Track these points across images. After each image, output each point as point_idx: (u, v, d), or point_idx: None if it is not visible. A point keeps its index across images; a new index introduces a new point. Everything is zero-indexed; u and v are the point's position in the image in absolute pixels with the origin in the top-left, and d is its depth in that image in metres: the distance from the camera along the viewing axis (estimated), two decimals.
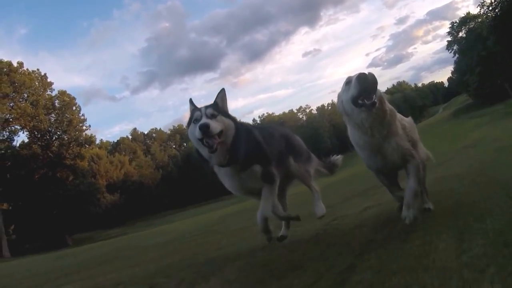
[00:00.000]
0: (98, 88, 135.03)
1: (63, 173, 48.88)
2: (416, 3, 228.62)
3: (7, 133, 45.84)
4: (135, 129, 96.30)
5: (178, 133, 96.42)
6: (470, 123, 36.54)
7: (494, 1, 48.27)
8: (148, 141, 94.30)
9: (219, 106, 3.08)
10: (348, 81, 2.77)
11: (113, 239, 33.01)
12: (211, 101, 3.12)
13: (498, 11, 47.78)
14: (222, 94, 3.19)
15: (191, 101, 3.19)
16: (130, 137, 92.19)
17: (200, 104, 3.19)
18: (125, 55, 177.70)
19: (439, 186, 4.50)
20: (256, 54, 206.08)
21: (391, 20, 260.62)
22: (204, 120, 2.86)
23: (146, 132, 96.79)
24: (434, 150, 4.20)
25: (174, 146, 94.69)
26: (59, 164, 48.04)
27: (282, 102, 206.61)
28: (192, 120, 2.98)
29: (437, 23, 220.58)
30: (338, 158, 4.32)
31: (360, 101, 2.64)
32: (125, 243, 12.81)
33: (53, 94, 49.41)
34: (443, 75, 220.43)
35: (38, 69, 48.26)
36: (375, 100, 2.58)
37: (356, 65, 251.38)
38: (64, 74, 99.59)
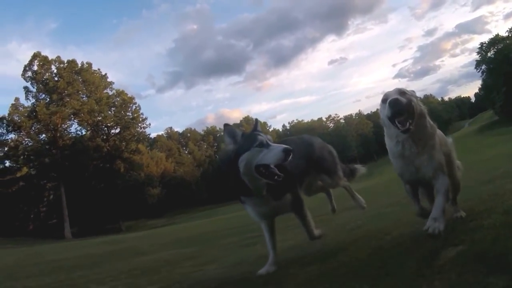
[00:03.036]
0: (124, 85, 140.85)
1: (117, 164, 53.53)
2: (445, 15, 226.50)
3: (76, 125, 52.46)
4: (170, 128, 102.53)
5: (211, 134, 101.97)
6: (495, 139, 37.01)
7: None
8: (182, 140, 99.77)
9: None
10: (384, 99, 2.71)
11: (164, 227, 37.56)
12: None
13: None
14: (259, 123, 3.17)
15: (227, 125, 3.05)
16: (165, 135, 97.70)
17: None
18: (152, 54, 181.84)
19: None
20: (281, 59, 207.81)
21: (419, 31, 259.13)
22: (285, 146, 2.80)
23: (181, 131, 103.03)
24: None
25: (205, 146, 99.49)
26: (117, 157, 53.12)
27: (306, 108, 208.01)
28: (257, 143, 2.82)
29: (465, 37, 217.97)
30: (360, 168, 4.35)
31: (396, 122, 2.58)
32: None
33: (110, 93, 54.90)
34: (470, 90, 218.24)
35: (99, 69, 54.16)
36: (410, 127, 2.55)
37: (382, 75, 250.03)
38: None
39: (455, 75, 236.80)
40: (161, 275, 3.97)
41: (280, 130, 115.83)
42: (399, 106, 2.53)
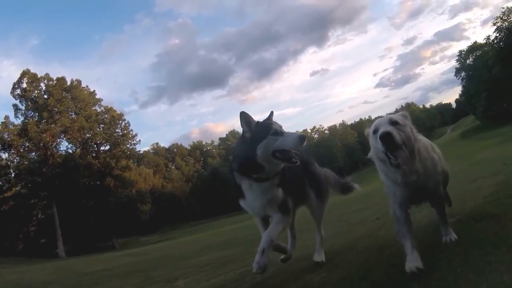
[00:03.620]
0: (108, 101, 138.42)
1: (108, 182, 53.56)
2: (423, 24, 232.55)
3: (65, 143, 52.35)
4: (157, 143, 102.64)
5: (197, 148, 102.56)
6: (478, 144, 36.47)
7: (499, 35, 53.92)
8: (168, 156, 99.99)
9: None
10: (375, 130, 2.58)
11: (161, 243, 36.44)
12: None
13: (503, 44, 53.21)
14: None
15: (244, 113, 3.14)
16: (151, 151, 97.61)
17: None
18: (135, 69, 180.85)
19: None
20: (264, 72, 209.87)
21: (399, 40, 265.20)
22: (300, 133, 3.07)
23: (167, 147, 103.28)
24: None
25: (192, 161, 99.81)
26: (107, 174, 53.24)
27: (290, 120, 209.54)
28: (271, 132, 2.99)
29: (444, 44, 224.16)
30: (356, 185, 4.31)
31: (389, 155, 2.47)
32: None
33: (99, 110, 55.23)
34: (451, 96, 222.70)
35: (87, 86, 54.45)
36: (400, 162, 2.43)
37: (363, 85, 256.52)
38: None
39: (436, 82, 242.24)
40: (230, 267, 4.25)
41: None
42: (392, 141, 2.42)
